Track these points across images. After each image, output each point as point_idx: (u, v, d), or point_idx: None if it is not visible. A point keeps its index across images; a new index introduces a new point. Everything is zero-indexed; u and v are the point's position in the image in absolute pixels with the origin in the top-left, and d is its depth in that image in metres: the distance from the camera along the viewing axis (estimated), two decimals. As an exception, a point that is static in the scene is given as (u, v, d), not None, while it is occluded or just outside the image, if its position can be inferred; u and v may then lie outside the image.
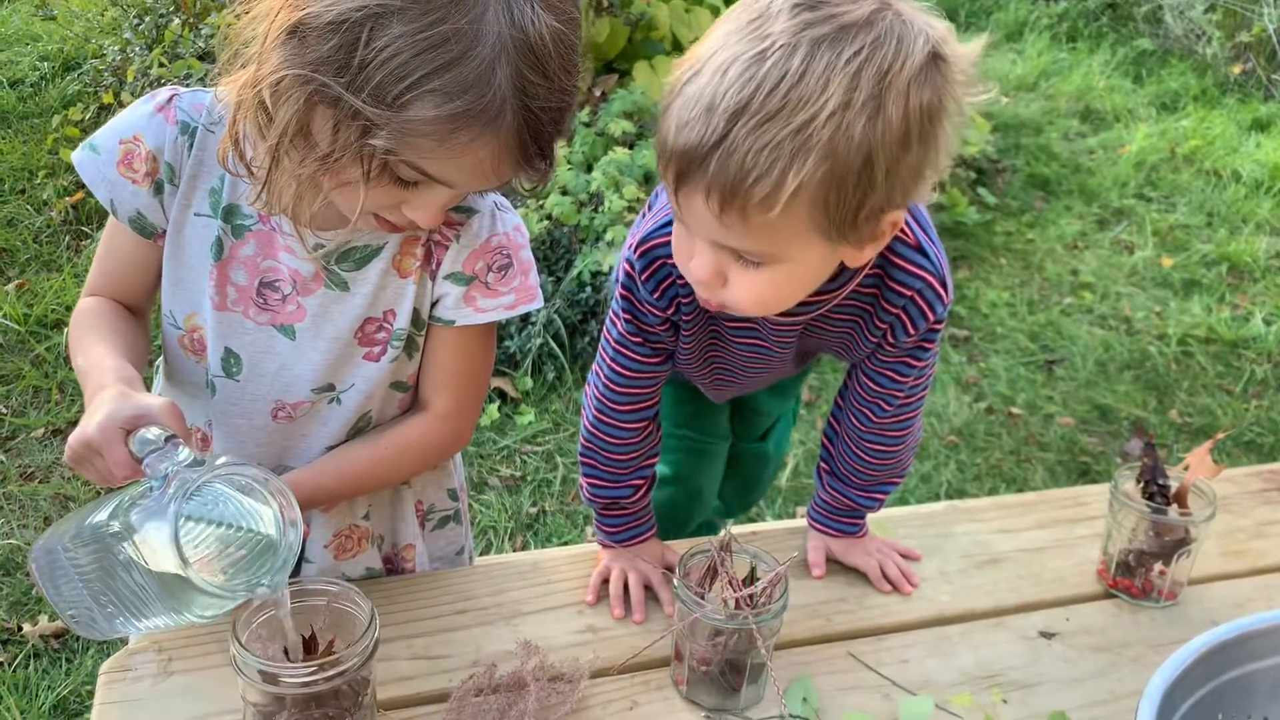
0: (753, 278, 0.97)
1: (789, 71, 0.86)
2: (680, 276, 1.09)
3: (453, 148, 0.89)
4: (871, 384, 1.21)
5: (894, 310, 1.12)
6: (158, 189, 1.06)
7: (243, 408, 1.13)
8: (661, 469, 1.62)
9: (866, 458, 1.27)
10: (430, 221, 0.98)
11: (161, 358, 1.20)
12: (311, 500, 1.13)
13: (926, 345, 1.17)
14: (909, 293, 1.11)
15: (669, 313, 1.14)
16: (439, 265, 1.12)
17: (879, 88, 0.87)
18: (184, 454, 0.88)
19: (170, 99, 1.06)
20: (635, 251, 1.11)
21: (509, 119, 0.89)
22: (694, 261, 0.99)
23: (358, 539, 1.23)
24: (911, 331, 1.13)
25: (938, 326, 1.14)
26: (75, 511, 0.99)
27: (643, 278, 1.12)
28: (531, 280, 1.15)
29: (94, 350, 1.03)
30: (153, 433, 0.90)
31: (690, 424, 1.62)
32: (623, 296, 1.15)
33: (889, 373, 1.20)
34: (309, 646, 0.95)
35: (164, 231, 1.08)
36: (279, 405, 1.13)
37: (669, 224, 1.09)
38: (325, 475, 1.14)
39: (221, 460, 0.88)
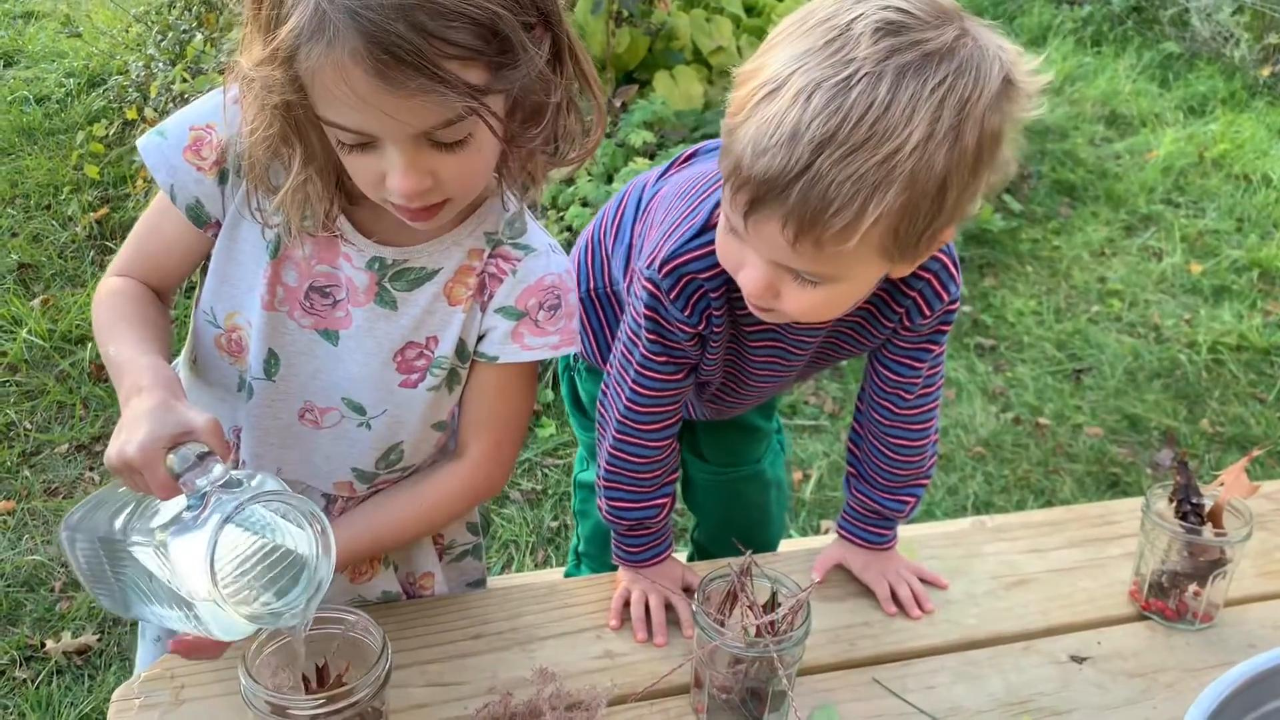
0: (807, 293, 0.98)
1: (875, 101, 0.85)
2: (713, 290, 1.10)
3: (310, 81, 0.87)
4: (890, 374, 1.22)
5: (911, 293, 1.13)
6: (222, 178, 1.05)
7: (275, 408, 1.12)
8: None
9: (891, 454, 1.26)
10: (402, 185, 0.93)
11: (184, 352, 1.17)
12: (345, 562, 1.12)
13: (943, 329, 1.18)
14: (926, 275, 1.12)
15: (700, 328, 1.14)
16: (491, 297, 1.10)
17: (958, 117, 0.87)
18: (218, 471, 0.86)
19: None
20: (660, 271, 1.10)
21: (341, 31, 0.83)
22: (746, 274, 1.00)
23: (370, 561, 1.22)
24: (927, 314, 1.14)
25: (953, 308, 1.16)
26: (109, 491, 0.99)
27: (671, 296, 1.11)
28: (574, 325, 1.14)
29: (127, 341, 1.01)
30: (191, 449, 0.88)
31: None
32: (647, 317, 1.14)
33: (907, 360, 1.20)
34: (321, 676, 0.94)
35: (217, 222, 1.07)
36: (307, 406, 1.11)
37: (694, 239, 1.08)
38: (359, 540, 1.12)
39: (257, 480, 0.87)
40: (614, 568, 1.28)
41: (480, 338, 1.12)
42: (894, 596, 1.26)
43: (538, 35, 0.92)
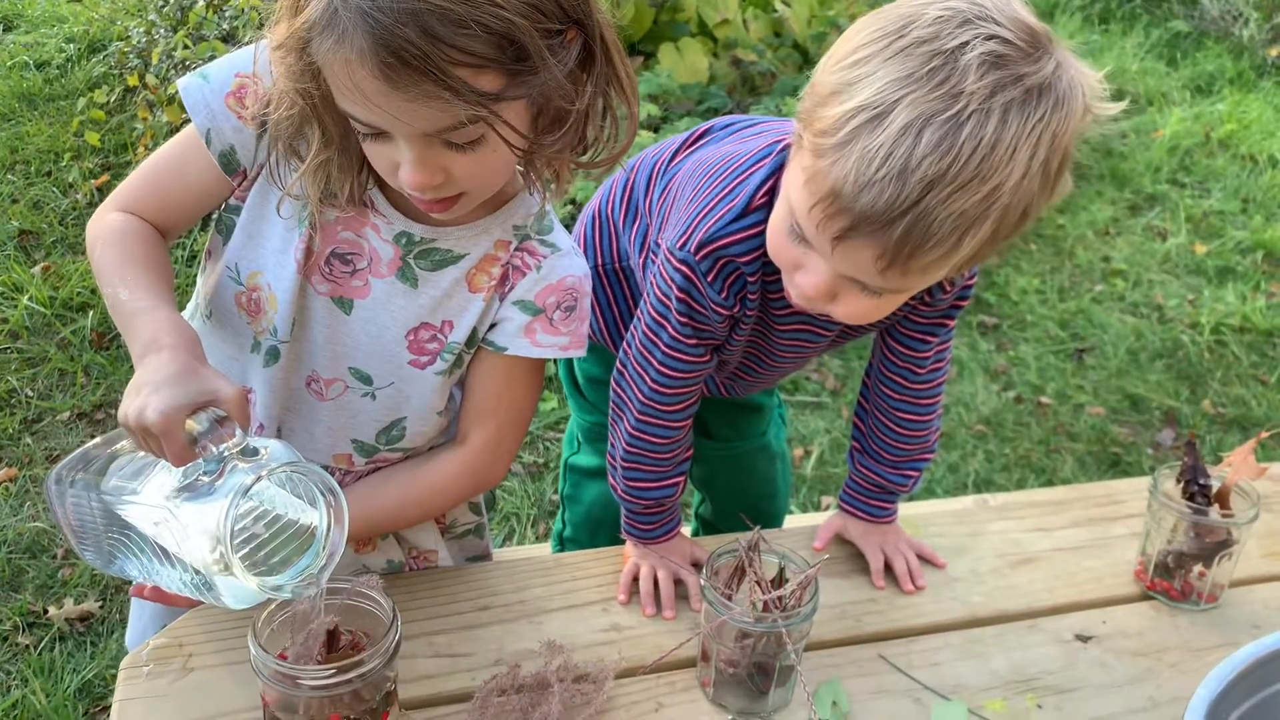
0: (866, 301, 1.00)
1: (983, 139, 0.86)
2: (750, 273, 1.10)
3: (327, 72, 0.87)
4: (904, 349, 1.22)
5: None
6: (262, 132, 1.03)
7: (284, 372, 1.10)
8: (594, 459, 1.59)
9: (898, 429, 1.27)
10: (412, 179, 0.93)
11: (196, 301, 1.15)
12: None
13: (959, 304, 1.19)
14: None
15: (734, 310, 1.14)
16: (512, 289, 1.10)
17: (1049, 151, 0.89)
18: (236, 437, 0.85)
19: None
20: (696, 254, 1.10)
21: (350, 30, 0.83)
22: (807, 279, 1.00)
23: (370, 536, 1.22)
24: (946, 291, 1.15)
25: (970, 283, 1.17)
26: (99, 447, 0.97)
27: (709, 279, 1.11)
28: (585, 329, 1.13)
29: (141, 288, 0.99)
30: (210, 412, 0.86)
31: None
32: (680, 300, 1.13)
33: (920, 336, 1.21)
34: (333, 639, 0.93)
35: (244, 171, 1.06)
36: (313, 376, 1.11)
37: (733, 222, 1.08)
38: (353, 520, 1.10)
39: (272, 447, 0.86)
40: None
41: (491, 326, 1.11)
42: (890, 570, 1.27)
43: (566, 40, 0.90)
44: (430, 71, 0.83)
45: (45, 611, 2.07)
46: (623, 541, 1.28)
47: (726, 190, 1.11)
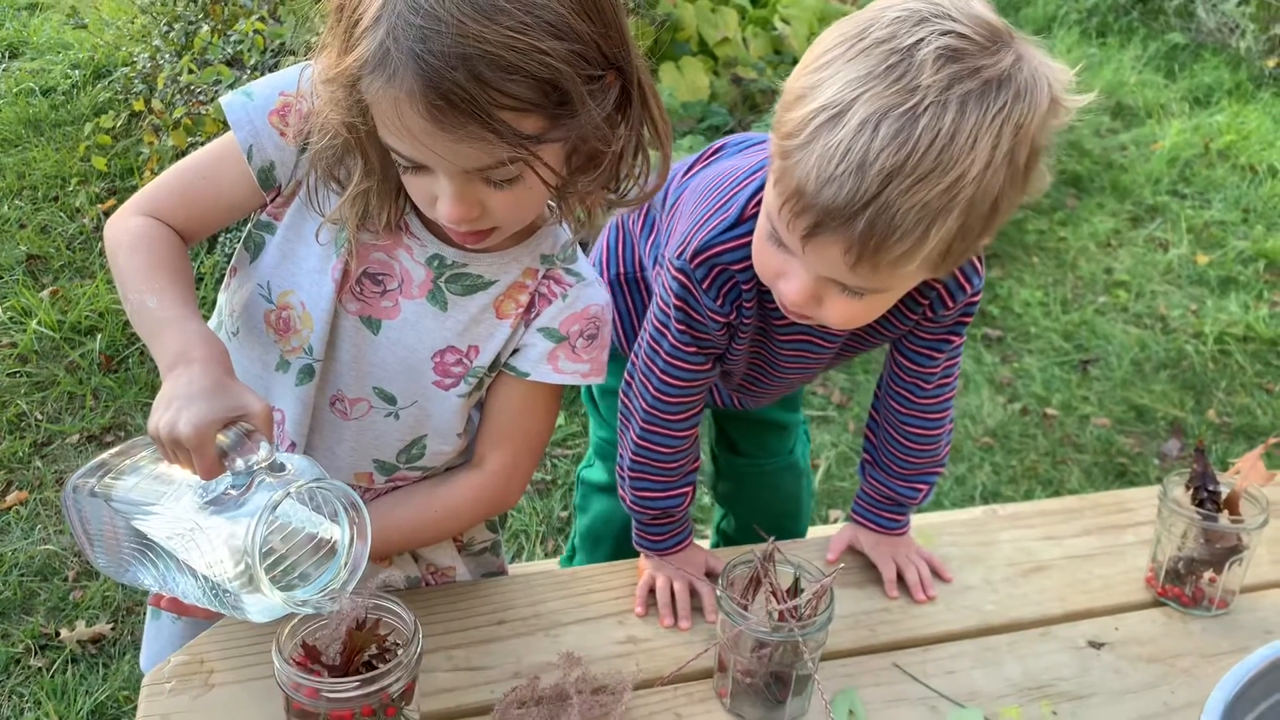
0: (850, 303, 1.01)
1: (941, 130, 0.87)
2: (744, 281, 1.11)
3: (375, 108, 0.89)
4: (911, 364, 1.23)
5: (936, 285, 1.14)
6: (303, 150, 1.04)
7: (312, 390, 1.11)
8: (603, 476, 1.61)
9: (907, 443, 1.28)
10: (450, 213, 0.95)
11: (220, 318, 1.16)
12: None
13: (964, 320, 1.20)
14: None
15: (731, 317, 1.15)
16: (537, 315, 1.11)
17: (1014, 141, 0.89)
18: (264, 452, 0.86)
19: None
20: (691, 262, 1.11)
21: (400, 71, 0.85)
22: (789, 285, 1.01)
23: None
24: (950, 305, 1.16)
25: (975, 299, 1.18)
26: (115, 457, 0.97)
27: (704, 286, 1.12)
28: (604, 357, 1.15)
29: (169, 296, 0.99)
30: (239, 427, 0.88)
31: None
32: (677, 308, 1.15)
33: (927, 351, 1.22)
34: (360, 625, 0.93)
35: (279, 188, 1.07)
36: (338, 395, 1.12)
37: (728, 231, 1.10)
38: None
39: (297, 463, 0.87)
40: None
41: (514, 351, 1.13)
42: (902, 580, 1.27)
43: (606, 84, 0.93)
44: (476, 114, 0.85)
45: (57, 634, 2.07)
46: (630, 555, 1.29)
47: (721, 202, 1.13)
